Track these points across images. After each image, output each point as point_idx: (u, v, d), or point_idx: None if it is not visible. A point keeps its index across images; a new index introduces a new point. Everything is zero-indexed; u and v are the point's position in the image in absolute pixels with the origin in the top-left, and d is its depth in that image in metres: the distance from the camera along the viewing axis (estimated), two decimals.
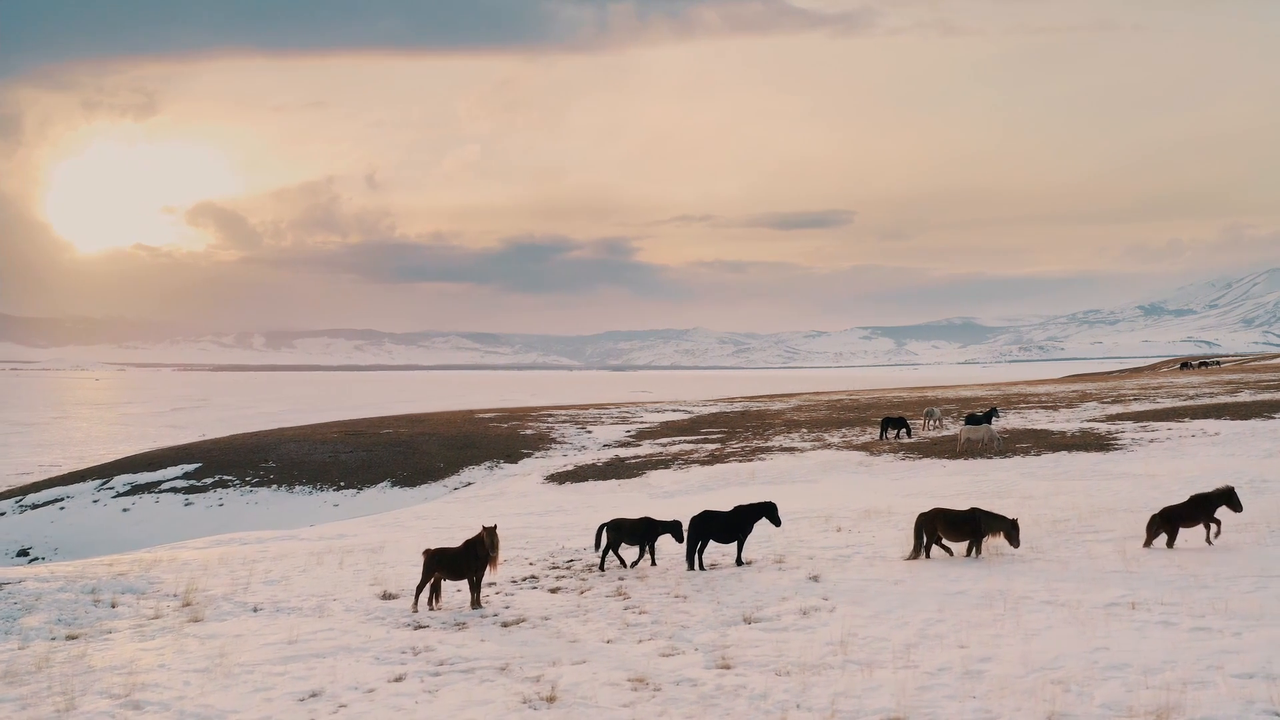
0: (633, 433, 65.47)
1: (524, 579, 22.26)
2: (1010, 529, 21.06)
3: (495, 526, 20.02)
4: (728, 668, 13.94)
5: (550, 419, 73.73)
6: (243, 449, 58.48)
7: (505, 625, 17.61)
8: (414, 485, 51.50)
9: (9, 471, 74.87)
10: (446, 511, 41.06)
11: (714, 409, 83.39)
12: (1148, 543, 20.73)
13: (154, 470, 53.31)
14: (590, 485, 45.62)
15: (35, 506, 47.97)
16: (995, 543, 21.55)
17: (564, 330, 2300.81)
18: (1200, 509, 20.87)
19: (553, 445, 60.71)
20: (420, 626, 17.88)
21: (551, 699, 12.94)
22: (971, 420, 49.00)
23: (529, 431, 65.95)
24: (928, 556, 21.31)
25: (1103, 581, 17.71)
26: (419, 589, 19.61)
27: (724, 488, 40.65)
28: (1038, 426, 50.76)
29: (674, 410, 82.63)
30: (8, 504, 48.85)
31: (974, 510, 21.71)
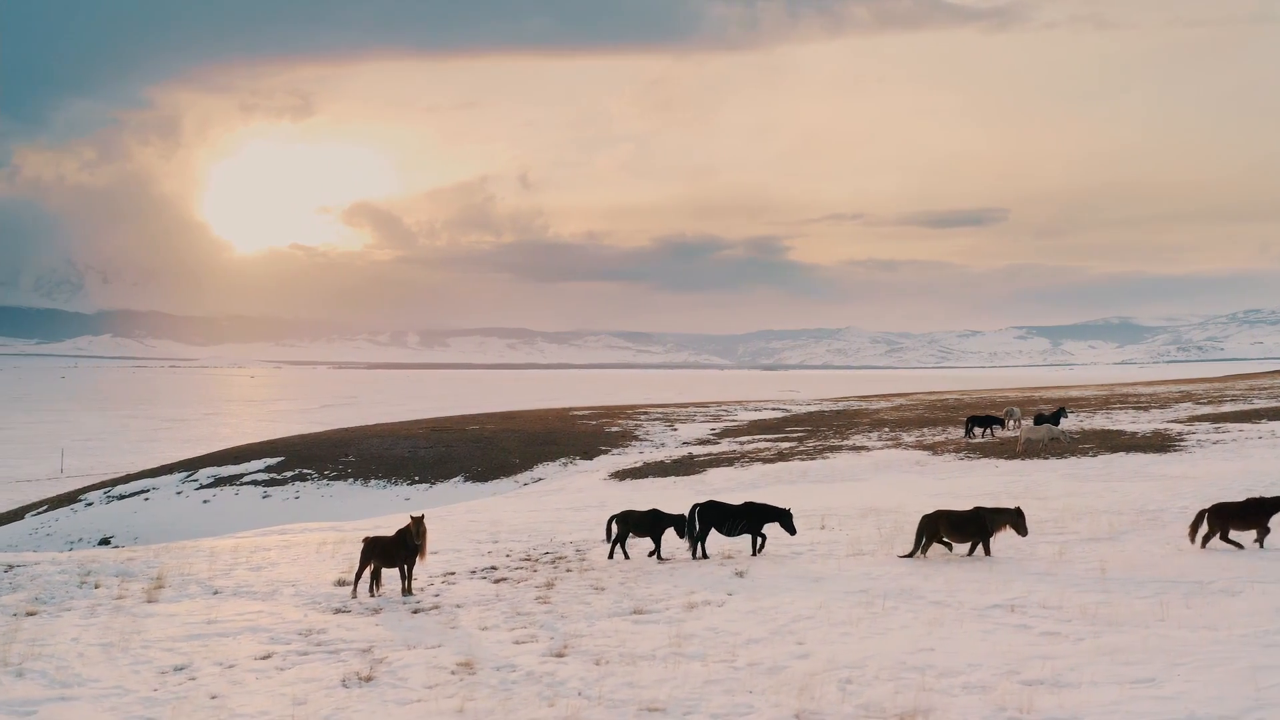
0: (717, 430, 65.61)
1: (483, 569, 22.73)
2: (1015, 519, 20.71)
3: (422, 517, 20.63)
4: (559, 656, 14.22)
5: (643, 416, 74.33)
6: (325, 444, 60.60)
7: (414, 612, 18.15)
8: (486, 480, 52.59)
9: (149, 465, 78.64)
10: (496, 505, 41.83)
11: (813, 408, 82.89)
12: (1191, 537, 20.21)
13: (238, 464, 55.69)
14: (648, 482, 45.93)
15: (122, 497, 50.58)
16: (1004, 535, 21.18)
17: (716, 329, 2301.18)
18: (1255, 512, 20.18)
19: (632, 442, 61.26)
20: (341, 611, 18.52)
21: (369, 678, 13.46)
22: (1038, 420, 47.99)
23: (615, 429, 66.64)
24: (924, 555, 20.89)
25: (1010, 583, 17.39)
26: (357, 575, 20.30)
27: (772, 485, 40.56)
28: (1113, 427, 49.28)
29: (774, 409, 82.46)
30: (97, 495, 51.60)
31: (977, 509, 21.40)
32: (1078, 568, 18.60)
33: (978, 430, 51.23)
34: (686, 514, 23.73)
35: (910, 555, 21.00)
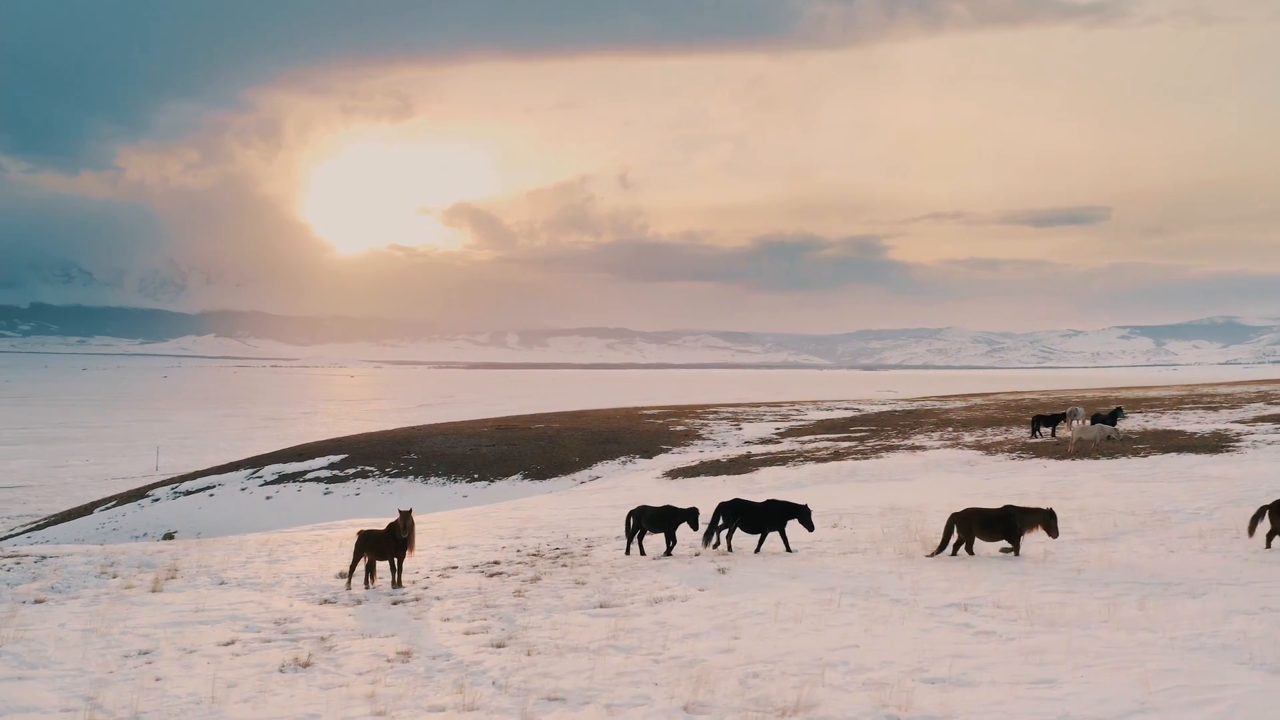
0: (782, 430, 65.38)
1: (486, 563, 23.12)
2: (1047, 519, 20.36)
3: (410, 511, 21.02)
4: (499, 647, 14.52)
5: (711, 416, 74.36)
6: (389, 442, 61.68)
7: (394, 604, 18.58)
8: (544, 478, 53.06)
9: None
10: (541, 503, 42.31)
11: (886, 408, 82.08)
12: (1250, 533, 19.81)
13: (302, 461, 56.98)
14: (698, 480, 46.02)
15: (188, 493, 52.11)
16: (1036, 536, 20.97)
17: (815, 329, 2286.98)
18: None
19: (694, 441, 61.34)
20: (327, 602, 19.04)
21: (307, 664, 13.90)
22: (1095, 420, 47.08)
23: (680, 428, 66.79)
24: (955, 554, 20.64)
25: (980, 582, 17.26)
26: (350, 568, 20.80)
27: (818, 484, 40.41)
28: (1176, 427, 48.08)
29: (846, 408, 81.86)
30: (163, 491, 53.20)
31: (1008, 508, 21.15)
32: (1057, 568, 18.38)
33: (1044, 429, 50.47)
34: (696, 509, 24.09)
35: (937, 554, 20.74)
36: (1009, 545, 20.55)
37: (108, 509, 50.89)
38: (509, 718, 11.25)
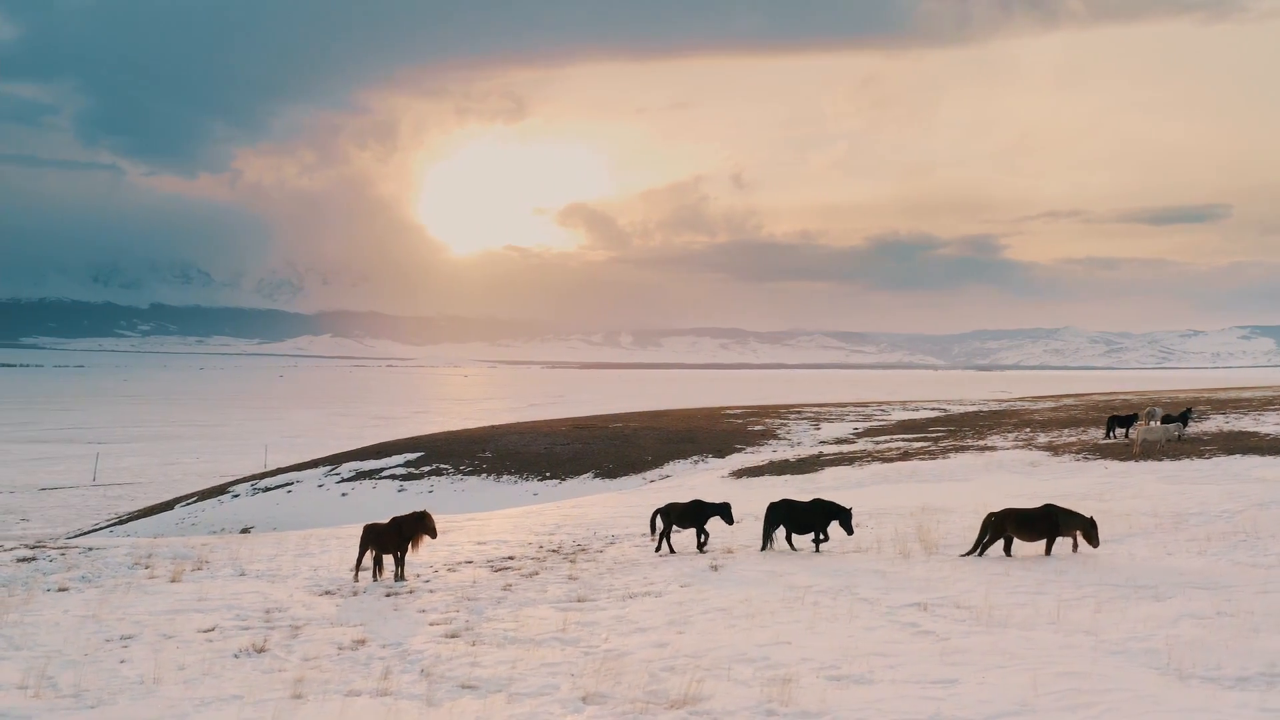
0: (860, 430, 64.88)
1: (500, 559, 23.60)
2: (1088, 527, 20.00)
3: (425, 511, 21.58)
4: (452, 638, 14.98)
5: (792, 416, 74.07)
6: (465, 440, 62.69)
7: (388, 595, 19.16)
8: (614, 477, 53.45)
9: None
10: (597, 501, 42.70)
11: (971, 408, 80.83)
12: None
13: (379, 459, 58.21)
14: (762, 479, 45.96)
15: (267, 490, 53.61)
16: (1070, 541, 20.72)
17: (930, 329, 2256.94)
18: None
19: (768, 441, 61.21)
20: (328, 593, 19.69)
21: (262, 650, 14.51)
22: (1165, 420, 45.91)
23: (758, 428, 66.68)
24: (981, 554, 20.33)
25: (958, 582, 17.18)
26: (358, 560, 21.47)
27: (877, 484, 40.11)
28: (1251, 429, 46.48)
29: (932, 408, 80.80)
30: (244, 487, 54.80)
31: (1048, 507, 20.81)
32: (1042, 570, 18.13)
33: (1118, 430, 49.36)
34: (728, 504, 24.45)
35: (971, 554, 20.45)
36: (1045, 544, 20.23)
37: (189, 504, 52.62)
38: (414, 703, 11.62)
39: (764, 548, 23.06)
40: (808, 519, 23.04)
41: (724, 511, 24.08)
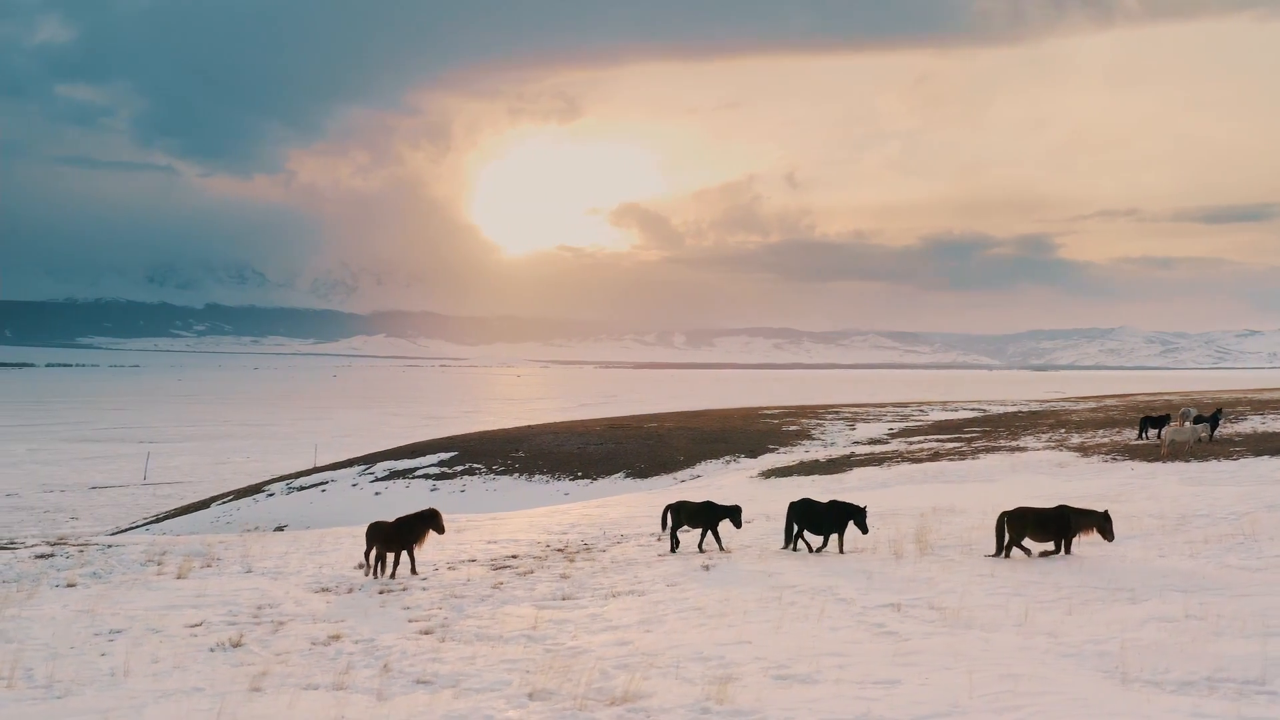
0: (895, 430, 64.56)
1: (504, 557, 23.85)
2: (1102, 522, 20.07)
3: (434, 510, 22.00)
4: (425, 634, 15.21)
5: (830, 416, 73.84)
6: (499, 440, 63.12)
7: (380, 592, 19.46)
8: (646, 477, 53.59)
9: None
10: (625, 500, 42.84)
11: (1012, 408, 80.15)
12: None
13: (414, 458, 58.76)
14: (789, 480, 45.91)
15: (302, 489, 54.30)
16: (1089, 538, 20.59)
17: (984, 329, 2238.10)
18: None
19: (803, 441, 61.09)
20: (324, 590, 20.03)
21: (238, 644, 14.81)
22: (1197, 421, 45.35)
23: (793, 428, 66.56)
24: (1007, 556, 20.10)
25: (941, 583, 17.17)
26: (365, 556, 21.88)
27: (902, 485, 39.95)
28: None
29: (972, 409, 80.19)
30: (279, 486, 55.54)
31: (1062, 508, 20.75)
32: (1028, 571, 18.05)
33: (1151, 431, 48.83)
34: (739, 507, 24.37)
35: (995, 555, 20.21)
36: (1061, 545, 20.15)
37: (225, 503, 53.39)
38: (365, 696, 11.85)
39: (785, 547, 23.06)
40: (823, 519, 23.08)
41: (734, 515, 24.11)
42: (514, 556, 23.90)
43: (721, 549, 23.48)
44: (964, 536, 22.89)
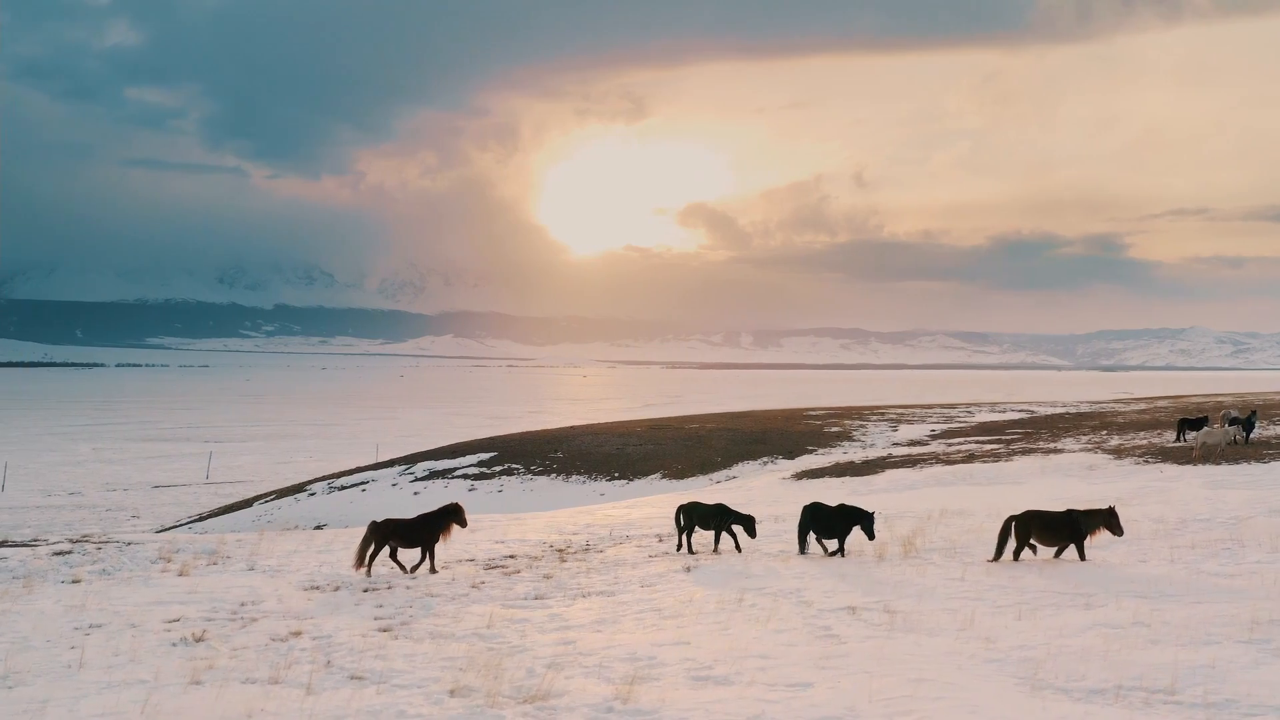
0: (936, 432, 64.14)
1: (502, 558, 24.19)
2: (1109, 518, 19.98)
3: (457, 504, 22.73)
4: (384, 631, 15.52)
5: (874, 417, 73.53)
6: (539, 440, 63.64)
7: (365, 590, 19.83)
8: (682, 478, 53.74)
9: None
10: (650, 501, 43.05)
11: (1060, 410, 79.30)
12: None
13: (454, 458, 59.43)
14: (819, 481, 45.82)
15: (343, 489, 55.13)
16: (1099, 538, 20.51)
17: (1054, 329, 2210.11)
18: None
19: (842, 443, 60.92)
20: (313, 588, 20.43)
21: (200, 639, 15.23)
22: (1230, 423, 44.66)
23: (834, 429, 66.38)
24: (1016, 558, 20.05)
25: (908, 586, 17.20)
26: (359, 553, 22.26)
27: (930, 487, 39.77)
28: None
29: (1019, 410, 79.46)
30: (320, 486, 56.44)
31: (1069, 511, 20.66)
32: (1000, 575, 17.97)
33: (1189, 433, 48.14)
34: (752, 516, 24.32)
35: (996, 559, 20.13)
36: (1074, 548, 20.06)
37: (266, 502, 54.36)
38: (295, 690, 12.16)
39: (801, 551, 23.04)
40: (831, 523, 23.09)
41: (747, 523, 24.08)
42: (511, 557, 24.21)
43: (739, 550, 23.57)
44: (955, 540, 22.86)
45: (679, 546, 24.18)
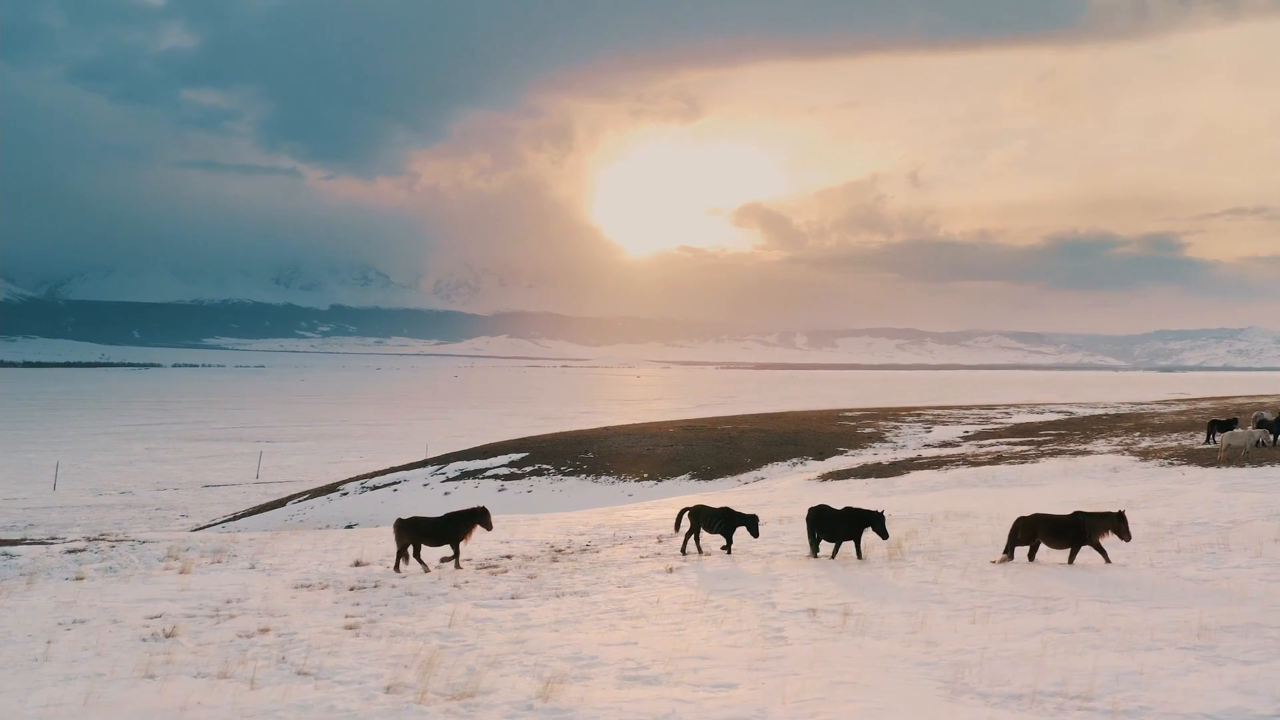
0: (969, 433, 63.71)
1: (498, 558, 24.40)
2: (1117, 523, 19.83)
3: (484, 507, 23.26)
4: (349, 629, 15.79)
5: (910, 418, 73.12)
6: (570, 441, 63.97)
7: (350, 589, 20.17)
8: (711, 479, 53.84)
9: None
10: (678, 503, 42.94)
11: (1099, 411, 78.43)
12: None
13: (485, 459, 59.91)
14: (844, 483, 45.69)
15: (375, 489, 55.75)
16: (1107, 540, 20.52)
17: (1110, 329, 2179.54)
18: None
19: (873, 444, 60.72)
20: (303, 586, 20.78)
21: (170, 635, 15.60)
22: (1259, 425, 44.02)
23: (868, 430, 66.13)
24: (1031, 558, 20.09)
25: (874, 589, 17.21)
26: (407, 552, 22.87)
27: (951, 489, 39.59)
28: None
29: (1056, 411, 78.67)
30: (353, 486, 57.09)
31: (1077, 514, 20.62)
32: (973, 579, 17.88)
33: (1219, 435, 47.53)
34: (756, 516, 24.38)
35: (1002, 560, 20.13)
36: (1079, 550, 20.03)
37: (300, 502, 55.11)
38: (239, 684, 12.44)
39: (813, 554, 22.98)
40: (835, 525, 23.10)
41: (750, 523, 24.15)
42: (507, 557, 24.44)
43: (728, 552, 23.65)
44: (944, 542, 22.84)
45: (684, 550, 24.29)
